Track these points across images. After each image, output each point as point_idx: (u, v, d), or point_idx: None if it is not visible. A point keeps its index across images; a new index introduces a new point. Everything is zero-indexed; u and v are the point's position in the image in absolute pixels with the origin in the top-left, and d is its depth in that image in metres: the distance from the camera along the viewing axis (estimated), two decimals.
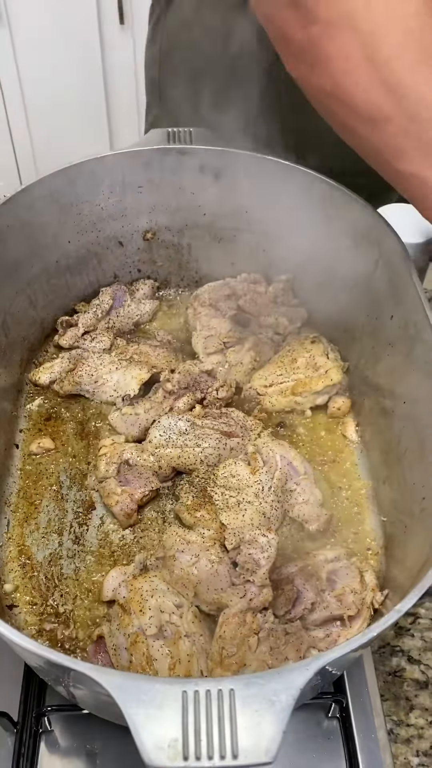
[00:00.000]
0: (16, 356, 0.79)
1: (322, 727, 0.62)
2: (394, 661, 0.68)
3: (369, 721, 0.62)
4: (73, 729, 0.61)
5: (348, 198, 0.76)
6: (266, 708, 0.38)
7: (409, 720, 0.65)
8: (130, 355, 0.80)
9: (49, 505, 0.70)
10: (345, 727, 0.61)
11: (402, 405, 0.67)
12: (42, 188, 0.74)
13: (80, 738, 0.61)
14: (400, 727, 0.64)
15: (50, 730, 0.61)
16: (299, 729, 0.62)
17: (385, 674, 0.67)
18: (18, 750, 0.59)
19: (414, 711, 0.65)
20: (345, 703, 0.61)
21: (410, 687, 0.67)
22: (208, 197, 0.83)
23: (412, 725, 0.64)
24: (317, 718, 0.62)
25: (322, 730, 0.62)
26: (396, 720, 0.65)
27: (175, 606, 0.59)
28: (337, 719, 0.62)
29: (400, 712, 0.65)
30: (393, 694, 0.66)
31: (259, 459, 0.70)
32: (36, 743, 0.60)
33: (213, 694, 0.38)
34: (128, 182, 0.80)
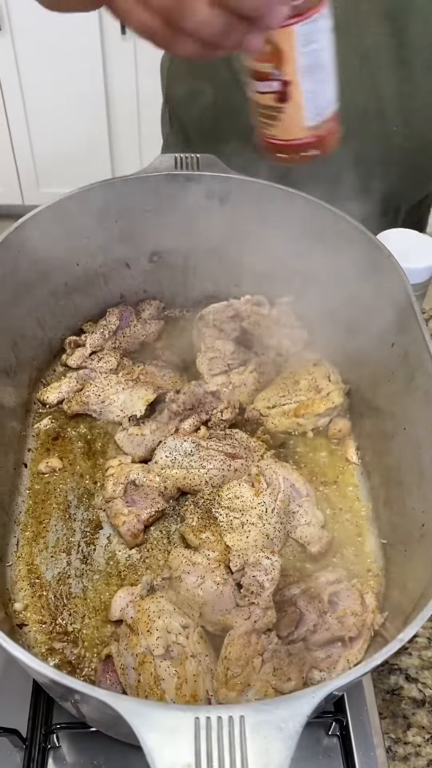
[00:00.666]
0: (25, 376, 0.80)
1: (322, 745, 0.64)
2: (392, 680, 0.70)
3: (368, 739, 0.64)
4: (79, 745, 0.63)
5: (350, 225, 0.78)
6: (275, 734, 0.40)
7: (406, 738, 0.67)
8: (136, 375, 0.82)
9: (57, 525, 0.72)
10: (344, 744, 0.63)
11: (402, 431, 0.69)
12: (53, 212, 0.76)
13: (87, 754, 0.62)
14: (398, 745, 0.66)
15: (58, 746, 0.62)
16: (300, 747, 0.62)
17: (383, 692, 0.69)
18: (27, 766, 0.61)
19: (411, 729, 0.67)
20: (345, 722, 0.63)
21: (408, 705, 0.69)
22: (214, 221, 0.85)
23: (410, 743, 0.66)
24: (317, 735, 0.64)
25: (322, 747, 0.64)
26: (394, 738, 0.66)
27: (182, 627, 0.61)
28: (337, 737, 0.64)
29: (398, 730, 0.67)
30: (391, 712, 0.68)
31: (263, 481, 0.72)
32: (44, 759, 0.61)
33: (224, 721, 0.40)
34: (135, 206, 0.82)
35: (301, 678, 0.59)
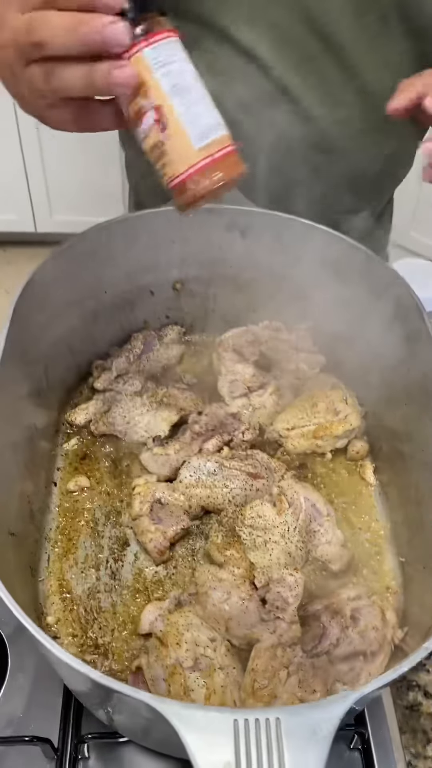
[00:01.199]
0: (55, 398, 0.84)
1: (344, 759, 0.66)
2: (411, 696, 0.72)
3: (389, 754, 0.66)
4: (107, 756, 0.65)
5: (365, 255, 0.82)
6: (309, 736, 0.42)
7: (426, 753, 0.68)
8: (159, 397, 0.85)
9: (86, 542, 0.74)
10: (366, 759, 0.65)
11: (420, 452, 0.72)
12: (85, 243, 0.80)
13: (115, 766, 0.64)
14: (418, 760, 0.68)
15: (87, 757, 0.64)
16: None
17: (402, 708, 0.71)
18: None
19: (431, 744, 0.69)
20: (366, 736, 0.65)
21: (427, 721, 0.70)
22: (234, 252, 0.89)
23: (430, 757, 0.68)
24: (339, 750, 0.66)
25: (343, 761, 0.65)
26: (414, 752, 0.68)
27: (209, 640, 0.63)
28: (359, 751, 0.65)
29: (418, 744, 0.69)
30: (411, 727, 0.70)
31: (284, 501, 0.74)
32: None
33: (261, 723, 0.43)
34: (161, 237, 0.86)
35: (326, 690, 0.61)
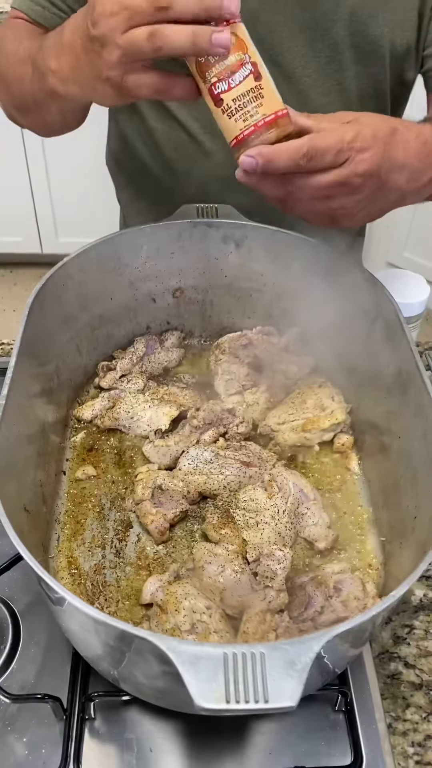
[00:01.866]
0: (64, 396, 0.91)
1: (329, 719, 0.71)
2: (392, 666, 0.78)
3: (370, 715, 0.72)
4: (112, 718, 0.70)
5: (349, 264, 0.89)
6: (289, 666, 0.48)
7: (405, 716, 0.74)
8: (161, 395, 0.92)
9: (93, 524, 0.81)
10: (349, 719, 0.71)
11: (397, 440, 0.78)
12: (91, 253, 0.88)
13: (119, 726, 0.70)
14: (397, 722, 0.73)
15: (93, 718, 0.70)
16: (309, 721, 0.71)
17: (384, 677, 0.77)
18: (67, 734, 0.68)
19: (410, 708, 0.74)
20: (349, 697, 0.71)
21: (406, 688, 0.76)
22: (230, 262, 0.97)
23: (408, 720, 0.73)
24: (325, 711, 0.72)
25: (329, 722, 0.71)
26: (394, 716, 0.74)
27: (205, 607, 0.69)
28: (343, 712, 0.71)
29: (397, 709, 0.74)
30: (391, 693, 0.76)
31: (275, 486, 0.81)
32: (82, 729, 0.69)
33: (248, 656, 0.49)
34: (162, 249, 0.94)
35: None
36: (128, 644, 0.54)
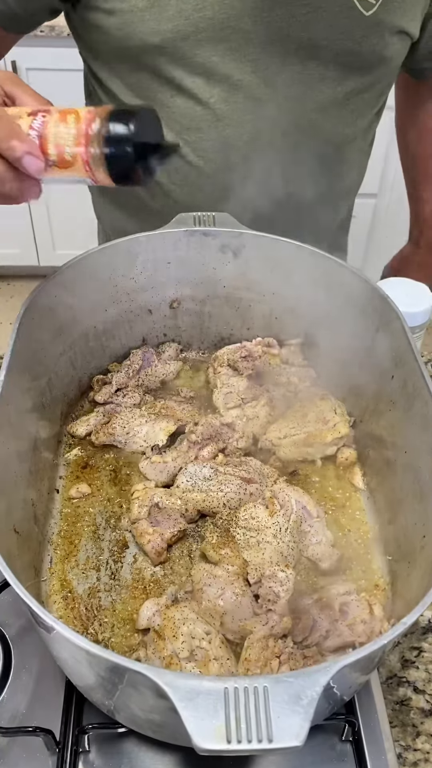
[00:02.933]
0: (57, 410, 0.88)
1: (336, 750, 0.68)
2: (400, 691, 0.74)
3: (379, 745, 0.68)
4: (107, 750, 0.67)
5: (351, 273, 0.87)
6: (295, 702, 0.45)
7: (416, 745, 0.70)
8: (158, 409, 0.90)
9: (87, 544, 0.78)
10: (357, 749, 0.67)
11: (403, 455, 0.75)
12: (85, 264, 0.85)
13: (114, 758, 0.66)
14: (407, 752, 0.70)
15: (87, 750, 0.67)
16: (315, 751, 0.68)
17: (392, 703, 0.73)
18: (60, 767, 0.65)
19: (420, 737, 0.71)
20: (357, 727, 0.67)
21: (416, 715, 0.73)
22: (228, 272, 0.95)
23: (419, 750, 0.70)
24: (332, 741, 0.68)
25: (336, 752, 0.68)
26: (404, 745, 0.70)
27: (204, 633, 0.66)
28: (350, 742, 0.68)
29: (407, 737, 0.71)
30: (401, 721, 0.72)
31: (276, 503, 0.78)
32: (75, 762, 0.66)
33: (250, 690, 0.46)
34: (158, 259, 0.92)
35: None
36: (122, 677, 0.51)
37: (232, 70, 0.85)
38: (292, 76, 0.87)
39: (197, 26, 0.81)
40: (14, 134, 0.58)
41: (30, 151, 0.59)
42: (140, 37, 0.83)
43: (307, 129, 0.92)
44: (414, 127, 1.15)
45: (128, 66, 0.89)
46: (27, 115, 0.61)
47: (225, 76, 0.86)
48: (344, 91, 0.90)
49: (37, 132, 0.60)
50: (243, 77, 0.86)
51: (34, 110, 0.62)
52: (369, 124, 1.00)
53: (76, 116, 0.61)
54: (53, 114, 0.61)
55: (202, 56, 0.84)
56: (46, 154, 0.61)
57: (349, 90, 0.91)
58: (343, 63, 0.87)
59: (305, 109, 0.91)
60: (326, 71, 0.87)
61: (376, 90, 0.94)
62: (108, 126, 0.60)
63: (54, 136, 0.60)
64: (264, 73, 0.86)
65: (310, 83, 0.88)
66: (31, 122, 0.61)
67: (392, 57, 0.90)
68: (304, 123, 0.92)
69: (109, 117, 0.60)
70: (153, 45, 0.83)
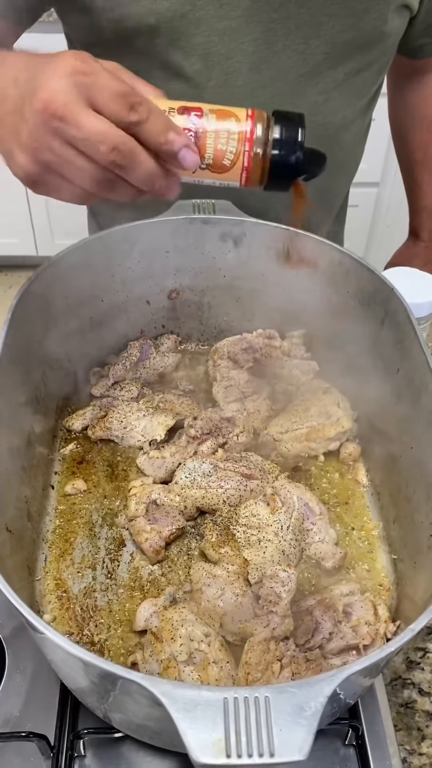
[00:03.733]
0: (53, 404, 0.85)
1: (339, 755, 0.66)
2: (405, 694, 0.72)
3: (383, 749, 0.66)
4: (103, 754, 0.65)
5: (356, 263, 0.84)
6: (298, 713, 0.43)
7: (421, 749, 0.68)
8: (156, 403, 0.87)
9: (83, 542, 0.75)
10: (361, 754, 0.65)
11: (409, 450, 0.73)
12: (80, 252, 0.82)
13: (111, 763, 0.64)
14: (413, 756, 0.68)
15: (83, 755, 0.65)
16: (318, 756, 0.66)
17: (397, 706, 0.71)
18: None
19: (426, 741, 0.69)
20: (361, 731, 0.65)
21: (421, 718, 0.71)
22: (228, 261, 0.92)
23: (424, 754, 0.68)
24: (335, 745, 0.66)
25: (339, 757, 0.66)
26: (409, 749, 0.68)
27: (204, 635, 0.64)
28: (354, 747, 0.66)
29: (412, 741, 0.69)
30: (405, 724, 0.70)
31: (278, 500, 0.75)
32: (70, 767, 0.64)
33: (251, 701, 0.44)
34: (156, 247, 0.89)
35: None
36: (116, 685, 0.48)
37: (233, 51, 0.82)
38: (295, 57, 0.84)
39: (195, 4, 0.78)
40: (171, 126, 0.54)
41: (188, 145, 0.55)
42: (135, 18, 0.79)
43: (309, 113, 0.89)
44: (407, 114, 1.12)
45: (122, 49, 0.85)
46: (177, 112, 0.57)
47: (224, 57, 0.82)
48: (344, 71, 0.88)
49: (192, 132, 0.57)
50: (244, 59, 0.83)
51: (183, 107, 0.57)
52: (367, 106, 0.97)
53: (236, 118, 0.57)
54: (208, 114, 0.57)
55: (200, 36, 0.81)
56: (201, 156, 0.57)
57: (349, 70, 0.88)
58: (345, 41, 0.84)
59: (307, 91, 0.88)
60: (329, 50, 0.84)
61: (374, 69, 0.91)
62: (277, 129, 0.57)
63: (213, 137, 0.57)
64: (265, 53, 0.83)
65: (312, 63, 0.85)
66: (186, 120, 0.57)
67: (391, 33, 0.87)
68: (306, 106, 0.88)
69: (275, 120, 0.58)
70: (148, 26, 0.80)
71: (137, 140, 0.53)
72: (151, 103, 0.54)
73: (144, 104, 0.52)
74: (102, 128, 0.51)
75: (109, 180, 0.54)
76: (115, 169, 0.53)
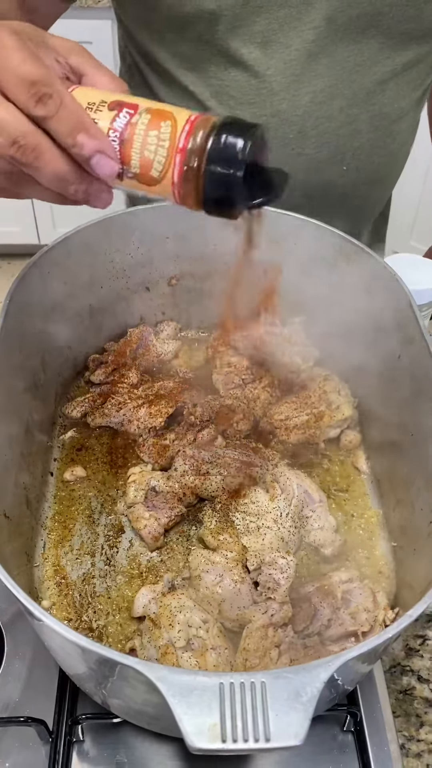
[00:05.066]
0: (52, 391, 0.85)
1: (337, 740, 0.66)
2: (404, 680, 0.72)
3: (382, 736, 0.66)
4: (102, 739, 0.65)
5: (357, 249, 0.83)
6: (294, 698, 0.43)
7: (419, 735, 0.68)
8: (155, 390, 0.87)
9: (82, 529, 0.75)
10: (359, 740, 0.65)
11: (410, 437, 0.72)
12: (79, 238, 0.82)
13: (110, 748, 0.65)
14: (411, 742, 0.68)
15: (82, 740, 0.65)
16: (315, 742, 0.66)
17: (396, 692, 0.71)
18: (53, 758, 0.63)
19: (424, 727, 0.69)
20: (359, 717, 0.65)
21: (420, 705, 0.71)
22: (229, 248, 0.90)
23: (423, 740, 0.68)
24: (333, 731, 0.66)
25: (337, 743, 0.66)
26: (407, 735, 0.68)
27: (202, 621, 0.64)
28: (352, 733, 0.66)
29: (411, 728, 0.69)
30: (404, 711, 0.70)
31: (277, 487, 0.75)
32: (69, 752, 0.64)
33: (246, 686, 0.43)
34: (156, 233, 0.88)
35: None
36: (113, 670, 0.48)
37: (293, 39, 0.80)
38: (352, 45, 0.83)
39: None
40: (82, 127, 0.47)
41: (102, 150, 0.48)
42: (195, 3, 0.78)
43: (364, 102, 0.88)
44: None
45: (179, 36, 0.83)
46: (107, 108, 0.49)
47: (284, 46, 0.81)
48: (402, 62, 0.86)
49: (118, 133, 0.49)
50: (302, 47, 0.81)
51: (117, 102, 0.49)
52: (421, 97, 0.95)
53: (173, 122, 0.48)
54: (142, 114, 0.49)
55: (261, 24, 0.79)
56: (125, 163, 0.49)
57: (407, 60, 0.86)
58: (403, 31, 0.83)
59: (363, 81, 0.86)
60: (386, 40, 0.83)
61: (429, 60, 0.89)
62: (215, 139, 0.48)
63: (140, 143, 0.49)
64: (324, 42, 0.81)
65: (369, 53, 0.84)
66: (113, 120, 0.49)
67: None
68: (362, 95, 0.87)
69: (218, 129, 0.48)
70: (209, 11, 0.78)
71: (50, 136, 0.47)
72: (66, 96, 0.47)
73: (55, 96, 0.45)
74: (3, 116, 0.45)
75: (17, 175, 0.48)
76: (18, 166, 0.47)
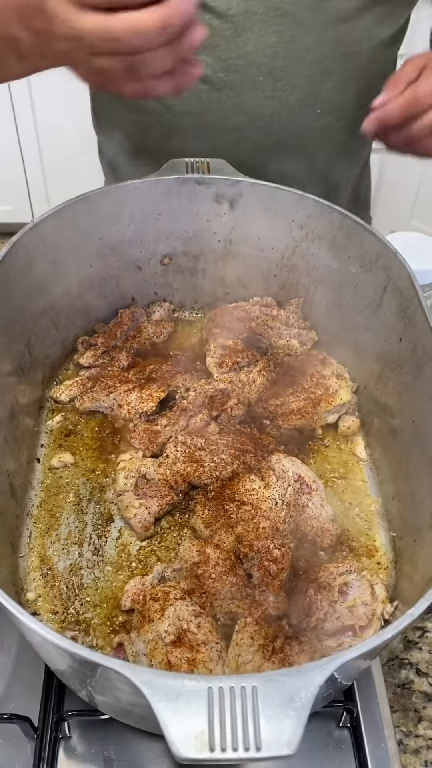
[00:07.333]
0: (39, 374, 0.82)
1: (333, 737, 0.64)
2: (402, 674, 0.70)
3: (379, 731, 0.64)
4: (90, 735, 0.63)
5: (358, 226, 0.80)
6: (287, 704, 0.40)
7: (417, 731, 0.66)
8: (147, 374, 0.83)
9: (69, 518, 0.73)
10: (356, 736, 0.63)
11: (411, 424, 0.70)
12: (66, 213, 0.78)
13: (98, 744, 0.62)
14: (409, 738, 0.66)
15: (69, 736, 0.63)
16: (311, 738, 0.64)
17: (394, 686, 0.69)
18: (38, 755, 0.61)
19: (422, 722, 0.67)
20: (356, 713, 0.63)
21: (418, 699, 0.69)
22: (223, 225, 0.87)
23: (421, 736, 0.66)
24: (328, 727, 0.64)
25: (333, 739, 0.64)
26: (405, 731, 0.66)
27: (193, 615, 0.61)
28: (348, 729, 0.64)
29: (408, 723, 0.67)
30: (402, 705, 0.68)
31: (272, 475, 0.72)
32: (55, 749, 0.62)
33: (237, 691, 0.41)
34: (148, 210, 0.84)
35: None
36: (95, 672, 0.46)
37: None
38: None
39: None
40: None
41: None
42: None
43: (333, 41, 0.83)
44: None
45: None
46: None
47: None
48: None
49: None
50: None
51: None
52: (392, 39, 0.90)
53: None
54: None
55: None
56: None
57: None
58: None
59: (329, 17, 0.81)
60: None
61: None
62: None
63: None
64: None
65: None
66: None
67: None
68: (330, 34, 0.82)
69: None
70: None
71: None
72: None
73: None
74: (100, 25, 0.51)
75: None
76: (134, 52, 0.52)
